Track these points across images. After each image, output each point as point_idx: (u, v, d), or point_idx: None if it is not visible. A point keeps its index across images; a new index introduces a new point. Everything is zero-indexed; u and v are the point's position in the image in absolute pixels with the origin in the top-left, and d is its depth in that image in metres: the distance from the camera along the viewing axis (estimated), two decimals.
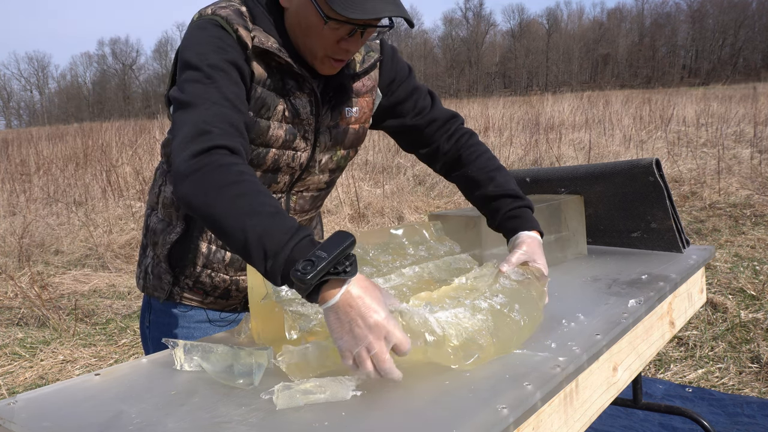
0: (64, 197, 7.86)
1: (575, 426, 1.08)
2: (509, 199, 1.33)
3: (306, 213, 1.38)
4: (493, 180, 1.35)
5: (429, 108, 1.41)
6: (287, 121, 1.21)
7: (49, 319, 4.04)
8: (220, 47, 1.10)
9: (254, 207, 0.92)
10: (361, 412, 0.86)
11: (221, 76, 1.07)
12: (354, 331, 0.88)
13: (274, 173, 1.26)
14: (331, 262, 0.86)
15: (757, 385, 2.77)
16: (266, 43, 1.14)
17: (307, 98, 1.22)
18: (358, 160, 9.39)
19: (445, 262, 1.28)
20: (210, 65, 1.07)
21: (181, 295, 1.35)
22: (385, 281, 1.15)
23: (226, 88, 1.06)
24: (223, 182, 0.94)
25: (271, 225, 0.90)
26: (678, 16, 77.24)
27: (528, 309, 1.09)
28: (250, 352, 0.97)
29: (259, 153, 1.21)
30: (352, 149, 1.36)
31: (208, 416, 0.87)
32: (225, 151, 0.98)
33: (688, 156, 8.37)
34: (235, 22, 1.12)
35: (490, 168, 1.37)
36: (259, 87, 1.17)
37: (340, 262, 0.87)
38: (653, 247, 1.80)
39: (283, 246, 0.89)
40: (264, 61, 1.16)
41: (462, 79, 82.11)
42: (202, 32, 1.12)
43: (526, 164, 8.55)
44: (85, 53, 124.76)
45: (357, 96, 1.31)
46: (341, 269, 0.87)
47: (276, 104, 1.19)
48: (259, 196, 0.93)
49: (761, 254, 4.54)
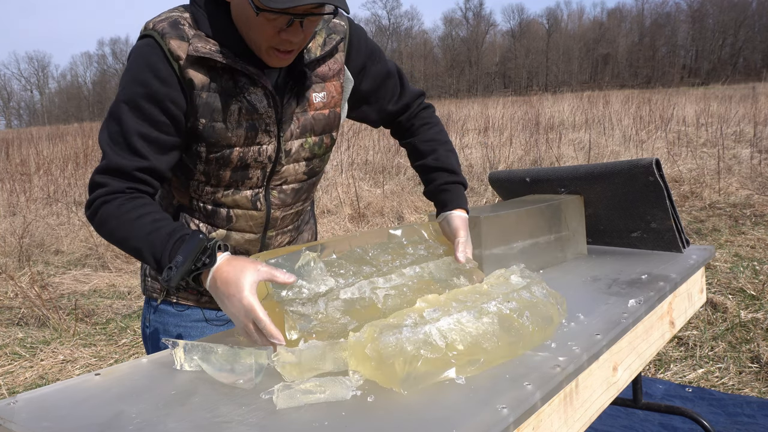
0: (64, 197, 7.86)
1: (575, 426, 1.07)
2: (445, 173, 1.43)
3: (290, 207, 1.37)
4: (434, 152, 1.45)
5: (400, 92, 1.46)
6: (246, 118, 1.22)
7: (49, 319, 4.04)
8: (141, 82, 1.15)
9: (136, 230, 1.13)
10: (361, 412, 0.86)
11: (132, 117, 1.15)
12: (227, 311, 1.06)
13: (244, 170, 1.26)
14: (188, 263, 1.06)
15: (757, 385, 2.77)
16: (203, 48, 1.14)
17: (261, 92, 1.22)
18: (358, 159, 9.38)
19: (445, 262, 1.28)
20: (125, 101, 1.16)
21: (177, 295, 1.37)
22: (385, 281, 1.15)
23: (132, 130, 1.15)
24: (109, 222, 1.15)
25: (151, 240, 1.11)
26: (678, 16, 77.25)
27: (539, 319, 1.08)
28: (250, 352, 0.97)
29: (224, 153, 1.22)
30: (325, 135, 1.35)
31: (208, 416, 0.87)
32: (106, 197, 1.16)
33: (688, 156, 8.37)
34: (167, 36, 1.14)
35: (435, 141, 1.47)
36: (204, 93, 1.17)
37: (197, 259, 1.07)
38: (653, 247, 1.80)
39: (162, 253, 1.10)
40: (205, 66, 1.17)
41: (462, 79, 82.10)
42: (133, 64, 1.17)
43: (526, 164, 8.55)
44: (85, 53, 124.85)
45: (324, 80, 1.30)
46: (200, 264, 1.07)
47: (229, 105, 1.19)
48: (138, 219, 1.13)
49: (761, 254, 4.54)
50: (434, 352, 0.92)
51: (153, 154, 1.17)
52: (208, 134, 1.20)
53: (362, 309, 1.09)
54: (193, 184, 1.29)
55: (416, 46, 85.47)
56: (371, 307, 1.10)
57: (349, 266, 1.18)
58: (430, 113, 1.51)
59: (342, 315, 1.07)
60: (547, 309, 1.12)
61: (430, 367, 0.92)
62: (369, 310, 1.10)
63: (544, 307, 1.11)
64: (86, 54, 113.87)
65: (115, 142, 1.16)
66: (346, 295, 1.09)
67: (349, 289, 1.11)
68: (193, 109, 1.18)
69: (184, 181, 1.30)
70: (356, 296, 1.10)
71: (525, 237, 1.61)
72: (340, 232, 6.19)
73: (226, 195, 1.28)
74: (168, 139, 1.18)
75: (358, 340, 0.92)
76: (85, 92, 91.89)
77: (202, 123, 1.19)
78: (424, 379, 0.91)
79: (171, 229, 1.11)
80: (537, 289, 1.14)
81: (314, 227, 1.56)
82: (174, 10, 1.20)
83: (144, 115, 1.15)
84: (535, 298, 1.11)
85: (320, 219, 6.54)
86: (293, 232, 1.43)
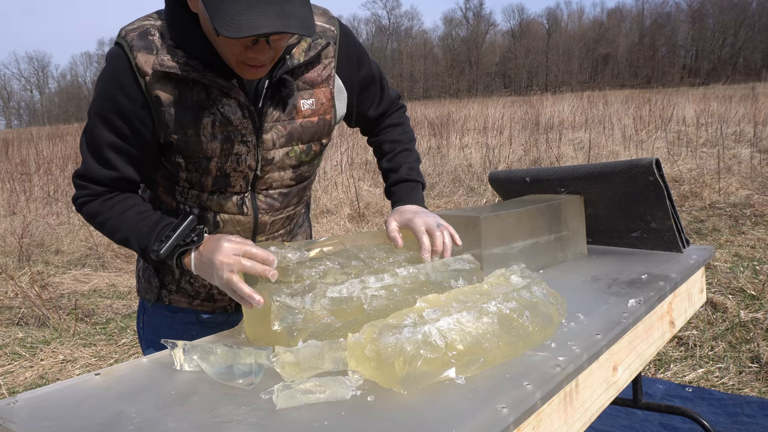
0: (64, 197, 7.86)
1: (575, 426, 1.07)
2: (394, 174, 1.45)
3: (279, 211, 1.34)
4: (392, 152, 1.47)
5: (380, 96, 1.46)
6: (220, 130, 1.19)
7: (49, 319, 4.04)
8: (110, 96, 1.17)
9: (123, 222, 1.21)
10: (361, 412, 0.86)
11: (103, 129, 1.19)
12: (215, 265, 1.10)
13: (225, 178, 1.25)
14: (179, 238, 1.14)
15: (757, 385, 2.77)
16: (169, 62, 1.13)
17: (235, 103, 1.19)
18: (358, 159, 9.38)
19: (444, 263, 1.28)
20: (96, 114, 1.19)
21: (169, 297, 1.37)
22: (377, 280, 1.14)
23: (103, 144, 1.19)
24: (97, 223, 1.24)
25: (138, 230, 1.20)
26: (678, 16, 77.22)
27: (540, 320, 1.08)
28: (249, 352, 0.97)
29: (202, 164, 1.22)
30: (314, 142, 1.31)
31: (208, 416, 0.87)
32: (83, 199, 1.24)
33: (688, 156, 8.37)
34: (135, 48, 1.14)
35: (396, 142, 1.48)
36: (172, 108, 1.16)
37: (186, 236, 1.14)
38: (653, 247, 1.80)
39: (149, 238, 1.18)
40: (174, 79, 1.15)
41: (462, 79, 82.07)
42: (102, 77, 1.19)
43: (526, 164, 8.55)
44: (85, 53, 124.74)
45: (312, 87, 1.27)
46: (189, 240, 1.15)
47: (201, 117, 1.17)
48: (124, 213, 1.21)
49: (761, 254, 4.54)
50: (434, 352, 0.92)
51: (124, 165, 1.22)
52: (182, 147, 1.19)
53: (348, 309, 1.08)
54: (178, 189, 1.29)
55: (416, 46, 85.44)
56: (357, 308, 1.09)
57: (336, 258, 1.19)
58: (399, 114, 1.52)
59: (327, 314, 1.06)
60: (547, 309, 1.12)
61: (430, 367, 0.91)
62: (354, 311, 1.09)
63: (544, 307, 1.11)
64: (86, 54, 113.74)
65: (90, 150, 1.22)
66: (333, 294, 1.09)
67: (337, 288, 1.10)
68: (162, 124, 1.17)
69: (170, 186, 1.29)
70: (344, 296, 1.09)
71: (525, 237, 1.61)
72: (340, 232, 6.19)
73: (211, 199, 1.27)
74: (137, 152, 1.21)
75: (358, 340, 0.92)
76: (85, 92, 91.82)
77: (174, 138, 1.18)
78: (424, 379, 0.91)
79: (157, 218, 1.20)
80: (537, 289, 1.14)
81: (309, 231, 1.54)
82: (148, 17, 1.19)
83: (113, 128, 1.18)
84: (535, 298, 1.11)
85: (320, 219, 6.54)
86: (285, 236, 1.40)
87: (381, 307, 1.10)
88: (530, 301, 1.10)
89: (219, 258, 1.09)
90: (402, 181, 1.44)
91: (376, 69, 1.42)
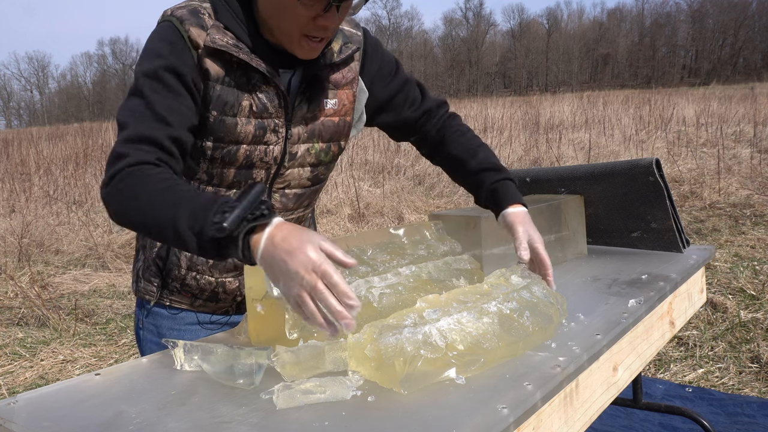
0: (64, 197, 7.87)
1: (575, 426, 1.07)
2: (491, 173, 1.35)
3: (291, 212, 1.35)
4: (475, 156, 1.38)
5: (420, 99, 1.43)
6: (256, 116, 1.21)
7: (49, 319, 4.04)
8: (161, 55, 1.12)
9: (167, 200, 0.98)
10: (361, 412, 0.86)
11: (154, 88, 1.10)
12: (286, 272, 0.89)
13: (248, 169, 1.25)
14: (246, 209, 0.90)
15: (757, 385, 2.77)
16: (220, 40, 1.14)
17: (273, 91, 1.21)
18: (358, 159, 9.38)
19: (446, 263, 1.28)
20: (145, 75, 1.11)
21: (170, 298, 1.36)
22: (381, 280, 1.15)
23: (157, 101, 1.10)
24: (132, 195, 1.01)
25: (189, 207, 0.95)
26: (678, 16, 77.25)
27: (540, 320, 1.08)
28: (250, 352, 0.97)
29: (230, 150, 1.21)
30: (333, 143, 1.33)
31: (208, 416, 0.87)
32: (134, 168, 1.04)
33: (688, 156, 8.38)
34: (187, 22, 1.13)
35: (471, 145, 1.40)
36: (218, 85, 1.16)
37: (256, 208, 0.91)
38: (653, 247, 1.80)
39: (206, 216, 0.93)
40: (221, 58, 1.15)
41: (462, 79, 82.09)
42: (151, 40, 1.15)
43: (526, 164, 8.55)
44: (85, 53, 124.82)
45: (336, 87, 1.29)
46: (258, 213, 0.91)
47: (240, 100, 1.18)
48: (168, 190, 0.99)
49: (761, 254, 4.54)
50: (434, 353, 0.92)
51: (178, 124, 1.11)
52: (217, 128, 1.19)
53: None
54: (194, 185, 1.28)
55: (416, 46, 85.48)
56: (367, 306, 1.10)
57: None
58: (458, 122, 1.46)
59: None
60: (547, 309, 1.11)
61: (430, 367, 0.91)
62: (365, 309, 1.09)
63: (545, 307, 1.11)
64: (86, 54, 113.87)
65: (139, 113, 1.09)
66: None
67: None
68: (207, 98, 1.17)
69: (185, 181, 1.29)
70: None
71: None
72: (340, 232, 6.19)
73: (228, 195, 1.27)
74: (189, 114, 1.15)
75: (358, 340, 0.92)
76: (85, 92, 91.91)
77: (213, 115, 1.18)
78: (424, 380, 0.91)
79: (213, 197, 0.96)
80: (537, 289, 1.14)
81: None
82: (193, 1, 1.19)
83: (167, 87, 1.11)
84: (535, 299, 1.11)
85: (320, 219, 6.54)
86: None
87: (390, 305, 1.11)
88: (530, 302, 1.10)
89: (295, 266, 0.88)
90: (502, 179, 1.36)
91: (411, 76, 1.43)
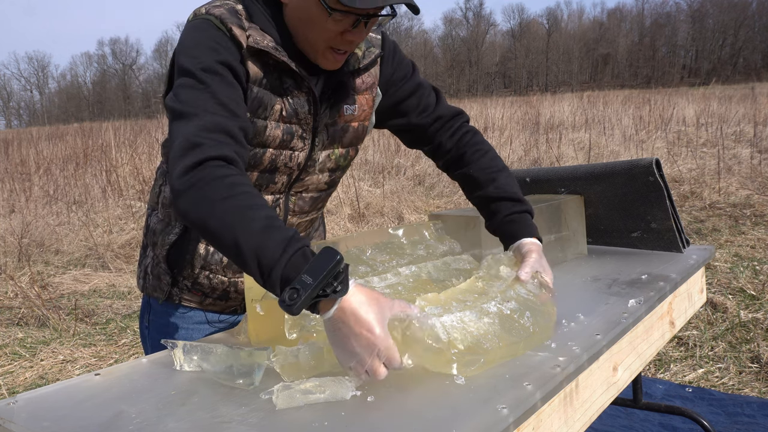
0: (64, 197, 7.86)
1: (575, 426, 1.07)
2: (509, 203, 1.30)
3: (306, 214, 1.36)
4: (494, 181, 1.32)
5: (434, 105, 1.39)
6: (285, 121, 1.20)
7: (49, 319, 4.04)
8: (213, 48, 1.08)
9: (247, 221, 0.92)
10: (361, 412, 0.86)
11: (214, 80, 1.06)
12: (347, 347, 0.90)
13: (272, 173, 1.24)
14: (318, 287, 0.86)
15: (757, 385, 2.77)
16: (262, 42, 1.12)
17: (305, 97, 1.20)
18: (358, 159, 9.38)
19: (445, 263, 1.28)
20: (203, 69, 1.06)
21: (180, 296, 1.34)
22: (380, 280, 1.14)
23: (220, 92, 1.05)
24: (215, 197, 0.94)
25: (264, 239, 0.91)
26: (678, 16, 77.25)
27: (539, 320, 1.08)
28: (249, 352, 0.97)
29: (256, 153, 1.20)
30: (351, 148, 1.34)
31: (208, 416, 0.87)
32: (217, 162, 0.97)
33: (688, 156, 8.38)
34: (228, 21, 1.11)
35: (492, 169, 1.34)
36: (255, 87, 1.15)
37: (328, 284, 0.87)
38: (653, 247, 1.80)
39: (277, 261, 0.89)
40: (260, 60, 1.14)
41: (462, 79, 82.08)
42: (195, 33, 1.10)
43: (526, 164, 8.55)
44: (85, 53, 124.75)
45: (356, 93, 1.29)
46: (329, 291, 0.87)
47: (273, 104, 1.17)
48: (251, 209, 0.93)
49: (761, 254, 4.54)
50: (437, 343, 0.93)
51: (243, 115, 1.08)
52: (248, 130, 1.14)
53: None
54: None
55: (416, 46, 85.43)
56: None
57: None
58: (479, 139, 1.40)
59: None
60: (547, 309, 1.12)
61: (435, 362, 0.94)
62: None
63: (544, 306, 1.11)
64: (86, 54, 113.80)
65: (206, 103, 1.03)
66: None
67: None
68: (245, 99, 1.14)
69: None
70: None
71: None
72: (340, 232, 6.19)
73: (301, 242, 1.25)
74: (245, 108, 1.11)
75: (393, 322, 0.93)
76: (85, 92, 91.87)
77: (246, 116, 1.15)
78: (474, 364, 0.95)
79: (289, 235, 0.91)
80: (532, 286, 1.15)
81: (323, 234, 1.55)
82: (226, 1, 1.16)
83: (225, 79, 1.07)
84: (533, 296, 1.12)
85: None
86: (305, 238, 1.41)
87: None
88: (530, 301, 1.10)
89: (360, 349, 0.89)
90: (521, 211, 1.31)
91: (426, 81, 1.40)
